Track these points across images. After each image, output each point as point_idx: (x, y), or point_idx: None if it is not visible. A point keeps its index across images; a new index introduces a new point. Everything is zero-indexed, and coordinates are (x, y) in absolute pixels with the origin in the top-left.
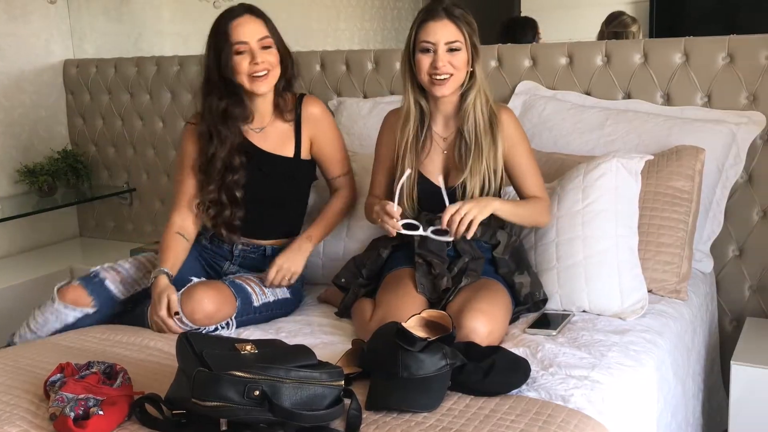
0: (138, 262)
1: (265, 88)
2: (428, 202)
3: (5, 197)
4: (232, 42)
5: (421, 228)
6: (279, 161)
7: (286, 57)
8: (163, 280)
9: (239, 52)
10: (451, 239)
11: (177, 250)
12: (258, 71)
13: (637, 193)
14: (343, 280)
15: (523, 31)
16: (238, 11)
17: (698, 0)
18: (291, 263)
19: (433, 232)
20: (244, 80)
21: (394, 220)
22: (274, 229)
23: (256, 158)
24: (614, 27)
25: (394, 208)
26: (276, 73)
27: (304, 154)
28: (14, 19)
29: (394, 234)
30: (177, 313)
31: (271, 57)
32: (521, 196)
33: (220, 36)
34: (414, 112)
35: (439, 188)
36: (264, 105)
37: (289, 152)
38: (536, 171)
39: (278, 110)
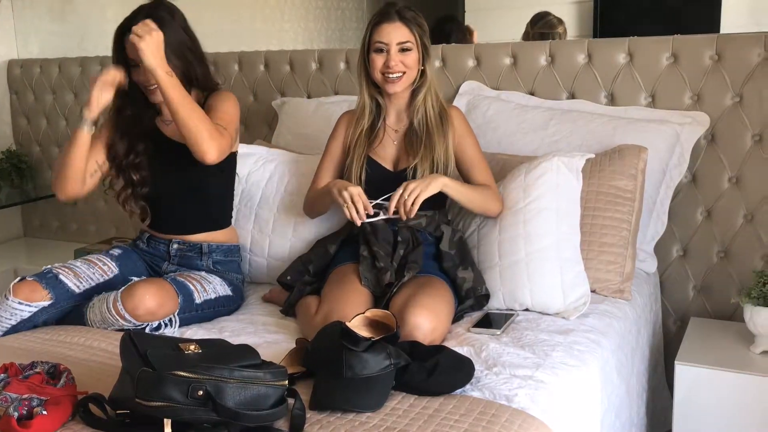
0: (88, 261)
1: (158, 98)
2: (375, 186)
3: None
4: (126, 56)
5: (381, 212)
6: (184, 149)
7: (186, 62)
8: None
9: (134, 65)
10: (396, 217)
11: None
12: (148, 85)
13: (578, 191)
14: (288, 277)
15: (451, 30)
16: (131, 22)
17: (641, 0)
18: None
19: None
20: (142, 89)
21: (363, 212)
22: (199, 222)
23: (165, 146)
24: (540, 28)
25: (371, 208)
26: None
27: None
28: None
29: (359, 222)
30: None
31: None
32: (471, 183)
33: (118, 46)
34: (369, 106)
35: (387, 171)
36: None
37: None
38: (484, 162)
39: None
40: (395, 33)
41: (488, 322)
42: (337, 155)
